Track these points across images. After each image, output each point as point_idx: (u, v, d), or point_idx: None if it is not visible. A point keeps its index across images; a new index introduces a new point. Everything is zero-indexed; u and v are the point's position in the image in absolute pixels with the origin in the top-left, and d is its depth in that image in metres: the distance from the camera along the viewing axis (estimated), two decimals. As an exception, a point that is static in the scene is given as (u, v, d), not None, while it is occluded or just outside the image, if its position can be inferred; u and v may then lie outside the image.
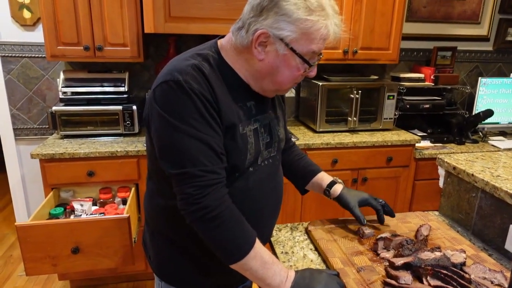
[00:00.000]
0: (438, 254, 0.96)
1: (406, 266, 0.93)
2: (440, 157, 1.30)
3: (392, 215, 1.16)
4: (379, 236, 1.07)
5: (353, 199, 1.15)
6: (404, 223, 1.21)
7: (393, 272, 0.92)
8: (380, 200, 1.18)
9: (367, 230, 1.11)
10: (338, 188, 1.18)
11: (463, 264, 0.96)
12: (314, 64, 0.91)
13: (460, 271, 0.91)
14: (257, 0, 0.86)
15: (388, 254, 1.01)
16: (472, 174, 1.16)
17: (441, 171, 1.32)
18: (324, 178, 1.21)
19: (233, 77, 0.93)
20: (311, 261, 1.05)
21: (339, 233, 1.14)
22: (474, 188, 1.17)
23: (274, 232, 1.20)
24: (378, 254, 1.03)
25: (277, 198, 1.09)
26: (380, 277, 0.93)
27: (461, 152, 2.50)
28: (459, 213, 1.25)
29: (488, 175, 1.13)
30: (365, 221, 1.11)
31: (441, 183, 1.33)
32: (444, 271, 0.89)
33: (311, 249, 1.11)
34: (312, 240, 1.14)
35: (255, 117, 0.96)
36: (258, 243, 0.87)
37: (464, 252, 1.00)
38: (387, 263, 0.97)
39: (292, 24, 0.83)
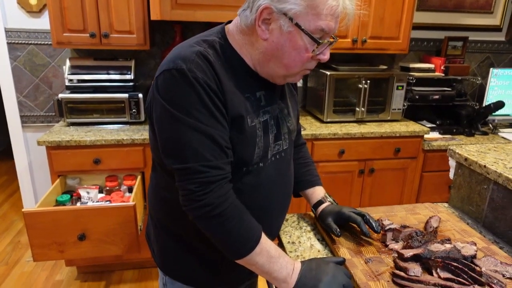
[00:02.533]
0: (448, 246, 0.94)
1: (415, 258, 0.91)
2: (451, 148, 1.28)
3: (375, 230, 1.00)
4: (387, 228, 1.05)
5: (329, 214, 1.06)
6: (413, 215, 1.19)
7: (402, 264, 0.90)
8: (363, 213, 1.04)
9: (386, 221, 1.09)
10: (321, 209, 1.11)
11: (474, 256, 0.94)
12: (325, 44, 0.82)
13: (470, 264, 0.89)
14: None
15: (397, 246, 1.00)
16: (485, 166, 1.13)
17: (452, 162, 1.30)
18: (314, 194, 1.14)
19: (240, 64, 0.88)
20: (318, 251, 1.04)
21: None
22: (486, 180, 1.15)
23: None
24: (386, 245, 1.01)
25: (288, 193, 1.05)
26: (388, 268, 0.92)
27: (471, 144, 2.47)
28: (469, 205, 1.23)
29: (501, 167, 1.11)
30: (339, 233, 1.00)
31: (451, 174, 1.31)
32: (455, 264, 0.87)
33: (318, 239, 1.10)
34: (319, 230, 1.13)
35: (265, 108, 0.91)
36: (263, 238, 0.86)
37: (475, 244, 0.98)
38: (396, 255, 0.95)
39: None
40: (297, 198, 1.21)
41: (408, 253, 0.92)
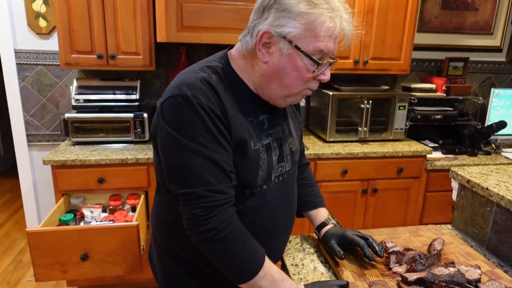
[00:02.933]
0: (452, 269, 0.94)
1: (419, 282, 0.91)
2: (453, 169, 1.28)
3: (378, 254, 1.00)
4: (391, 250, 1.05)
5: (333, 236, 1.06)
6: (416, 237, 1.19)
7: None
8: (366, 236, 1.04)
9: (390, 244, 1.09)
10: (324, 230, 1.10)
11: (478, 280, 0.93)
12: (324, 64, 0.84)
13: (475, 288, 0.89)
14: (259, 2, 0.84)
15: (400, 269, 0.99)
16: (487, 188, 1.13)
17: (455, 184, 1.30)
18: (318, 215, 1.14)
19: (243, 88, 0.90)
20: (322, 274, 1.04)
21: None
22: (488, 202, 1.15)
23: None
24: (390, 268, 1.01)
25: (291, 214, 1.05)
26: (392, 292, 0.91)
27: (474, 164, 2.46)
28: (473, 228, 1.23)
29: (503, 189, 1.11)
30: (343, 256, 1.00)
31: (454, 196, 1.31)
32: (459, 288, 0.87)
33: (321, 261, 1.10)
34: (323, 252, 1.13)
35: (268, 131, 0.92)
36: (267, 261, 0.86)
37: (479, 268, 0.97)
38: (400, 278, 0.95)
39: (294, 20, 0.79)
40: (300, 218, 1.21)
41: (412, 276, 0.92)
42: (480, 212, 1.19)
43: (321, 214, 1.15)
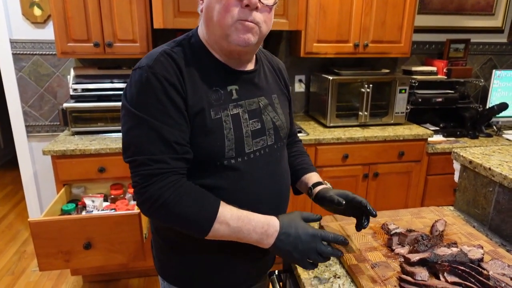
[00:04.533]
0: (454, 250, 0.94)
1: (422, 262, 0.91)
2: (455, 151, 1.27)
3: (373, 214, 0.96)
4: (393, 232, 1.05)
5: (332, 191, 1.02)
6: (418, 218, 1.19)
7: (408, 268, 0.90)
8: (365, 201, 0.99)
9: (392, 226, 1.08)
10: (319, 187, 1.07)
11: (481, 260, 0.93)
12: None
13: (478, 267, 0.89)
14: None
15: (403, 250, 0.99)
16: (489, 168, 1.13)
17: (457, 165, 1.29)
18: (312, 178, 1.12)
19: (210, 59, 0.91)
20: (324, 256, 1.03)
21: (351, 229, 1.12)
22: (491, 183, 1.15)
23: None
24: (392, 250, 1.01)
25: (279, 189, 1.01)
26: (395, 273, 0.91)
27: (476, 146, 2.45)
28: (475, 208, 1.22)
29: (506, 169, 1.10)
30: (343, 201, 0.95)
31: (456, 177, 1.31)
32: (462, 267, 0.86)
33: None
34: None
35: (237, 102, 0.92)
36: (222, 212, 0.83)
37: (482, 247, 0.97)
38: (402, 259, 0.95)
39: None
40: (298, 195, 1.20)
41: (415, 257, 0.92)
42: (482, 193, 1.19)
43: (315, 177, 1.12)
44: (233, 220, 0.84)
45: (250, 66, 0.98)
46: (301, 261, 0.86)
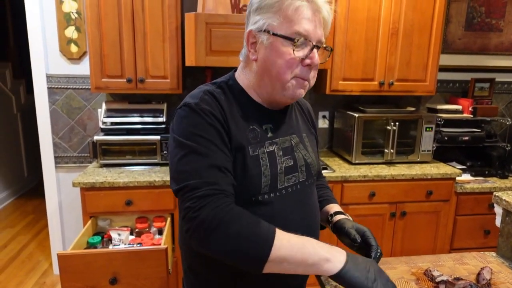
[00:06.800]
0: (507, 301, 0.90)
1: (474, 314, 0.87)
2: (497, 194, 1.24)
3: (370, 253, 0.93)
4: (439, 279, 1.01)
5: (350, 223, 1.01)
6: (461, 265, 1.15)
7: (461, 320, 0.86)
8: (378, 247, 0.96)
9: (436, 272, 1.05)
10: (340, 217, 1.07)
11: (536, 313, 0.89)
12: (302, 44, 0.86)
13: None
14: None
15: (451, 300, 0.95)
16: (537, 214, 1.09)
17: (498, 210, 1.26)
18: (333, 207, 1.12)
19: (248, 100, 0.95)
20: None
21: (393, 274, 1.09)
22: (538, 229, 1.10)
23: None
24: (440, 299, 0.97)
25: (309, 225, 0.99)
26: (446, 325, 0.87)
27: (506, 187, 2.39)
28: (521, 255, 1.17)
29: (554, 216, 1.07)
30: (359, 239, 0.95)
31: (498, 222, 1.27)
32: (519, 322, 0.82)
33: None
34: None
35: (272, 139, 0.94)
36: (280, 232, 0.79)
37: (536, 300, 0.93)
38: (453, 310, 0.91)
39: (266, 12, 0.87)
40: (322, 230, 1.15)
41: (467, 308, 0.88)
42: (528, 239, 1.14)
43: (336, 207, 1.12)
44: (293, 238, 0.79)
45: (282, 106, 1.02)
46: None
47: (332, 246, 0.81)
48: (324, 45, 0.92)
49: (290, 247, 0.77)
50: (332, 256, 0.78)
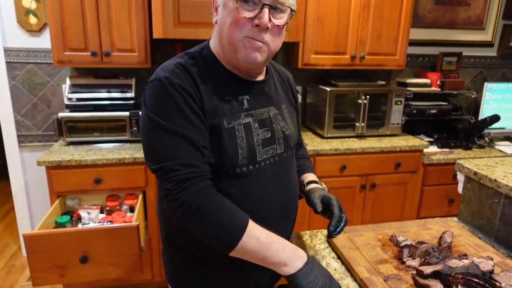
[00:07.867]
0: (466, 261, 0.94)
1: (435, 275, 0.91)
2: (460, 162, 1.29)
3: (329, 235, 0.95)
4: (403, 244, 1.05)
5: (318, 193, 1.03)
6: (425, 230, 1.19)
7: (422, 281, 0.90)
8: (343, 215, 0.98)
9: (401, 238, 1.08)
10: (312, 186, 1.09)
11: (492, 272, 0.94)
12: (251, 3, 0.82)
13: (490, 279, 0.89)
14: None
15: (414, 262, 0.99)
16: (495, 180, 1.14)
17: (461, 177, 1.30)
18: (308, 177, 1.13)
19: (222, 71, 0.92)
20: (335, 269, 1.02)
21: (360, 241, 1.12)
22: (496, 194, 1.16)
23: (292, 240, 1.17)
24: (403, 262, 1.00)
25: (288, 197, 1.01)
26: (408, 286, 0.91)
27: (470, 158, 2.49)
28: (480, 220, 1.23)
29: (511, 180, 1.12)
30: (320, 208, 0.98)
31: (460, 188, 1.32)
32: (476, 280, 0.86)
33: (333, 257, 1.09)
34: (334, 248, 1.12)
35: (248, 111, 0.93)
36: (252, 226, 0.84)
37: (492, 259, 0.98)
38: (415, 272, 0.94)
39: None
40: (301, 200, 1.16)
41: (428, 269, 0.91)
42: (487, 204, 1.20)
43: (311, 177, 1.14)
44: (263, 235, 0.84)
45: (260, 77, 1.00)
46: None
47: (298, 250, 0.87)
48: (281, 6, 0.85)
49: (256, 244, 0.83)
50: (290, 262, 0.84)
